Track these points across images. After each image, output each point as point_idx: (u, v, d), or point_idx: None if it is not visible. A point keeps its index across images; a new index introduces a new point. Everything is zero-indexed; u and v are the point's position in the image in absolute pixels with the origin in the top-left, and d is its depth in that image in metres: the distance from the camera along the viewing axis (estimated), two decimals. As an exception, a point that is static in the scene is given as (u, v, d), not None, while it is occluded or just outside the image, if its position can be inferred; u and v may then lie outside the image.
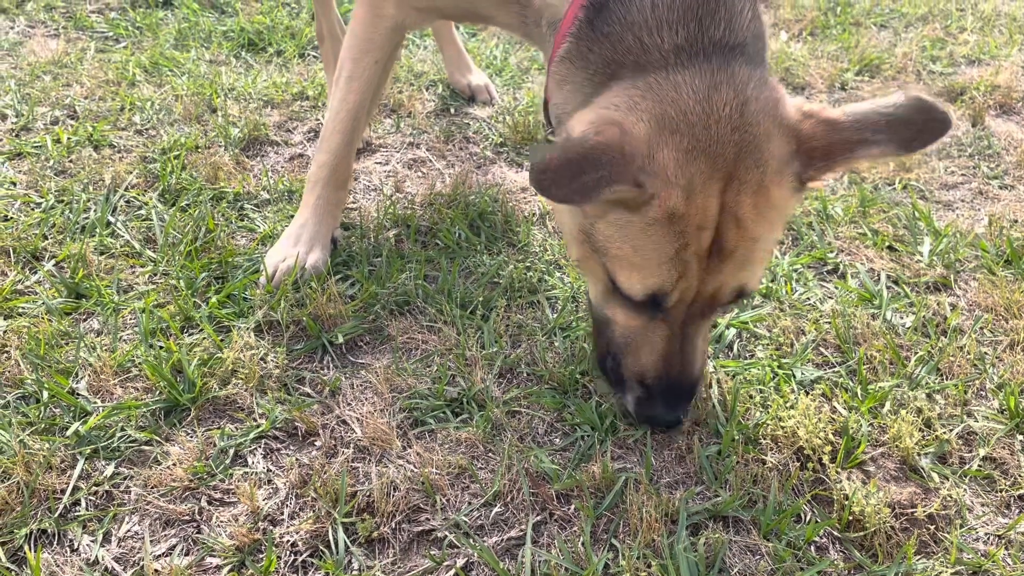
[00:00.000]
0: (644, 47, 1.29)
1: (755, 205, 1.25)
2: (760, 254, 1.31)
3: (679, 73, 1.26)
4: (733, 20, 1.29)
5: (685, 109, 1.23)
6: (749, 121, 1.24)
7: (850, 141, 1.26)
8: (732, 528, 1.38)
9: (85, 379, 1.58)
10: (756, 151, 1.24)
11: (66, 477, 1.40)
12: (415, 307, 1.81)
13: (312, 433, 1.52)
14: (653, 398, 1.41)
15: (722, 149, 1.23)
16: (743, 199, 1.24)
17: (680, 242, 1.25)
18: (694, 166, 1.22)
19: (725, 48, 1.28)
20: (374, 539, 1.35)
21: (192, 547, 1.32)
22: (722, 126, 1.23)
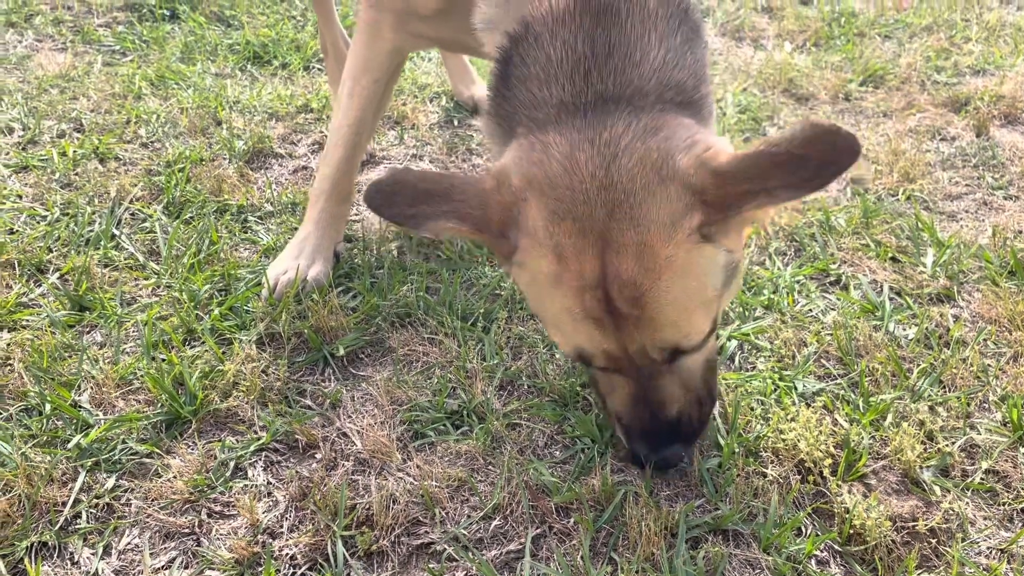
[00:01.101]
0: (535, 102, 1.25)
1: (640, 267, 1.16)
2: (671, 315, 1.20)
3: (551, 132, 1.21)
4: (626, 72, 1.23)
5: (550, 171, 1.19)
6: (618, 180, 1.17)
7: (739, 193, 1.14)
8: (732, 541, 1.38)
9: (87, 392, 1.58)
10: (630, 211, 1.16)
11: (67, 490, 1.40)
12: (416, 319, 1.82)
13: (312, 446, 1.53)
14: (632, 438, 1.38)
15: (590, 210, 1.17)
16: (624, 261, 1.16)
17: (572, 300, 1.20)
18: (560, 228, 1.18)
19: (609, 101, 1.21)
20: (373, 552, 1.35)
21: (192, 560, 1.32)
22: (588, 186, 1.17)
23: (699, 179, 1.16)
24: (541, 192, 1.19)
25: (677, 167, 1.17)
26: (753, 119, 2.71)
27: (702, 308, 1.23)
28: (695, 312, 1.23)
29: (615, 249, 1.16)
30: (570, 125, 1.21)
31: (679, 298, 1.19)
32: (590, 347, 1.26)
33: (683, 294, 1.19)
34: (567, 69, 1.23)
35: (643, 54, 1.24)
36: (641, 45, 1.25)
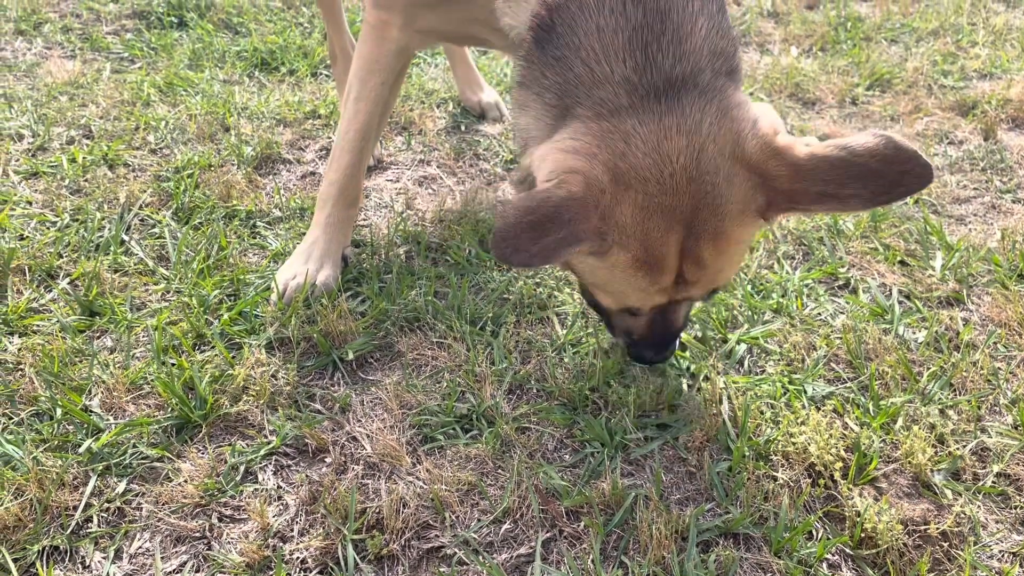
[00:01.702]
0: (595, 78, 1.24)
1: (715, 248, 1.28)
2: (724, 274, 1.37)
3: (629, 119, 1.21)
4: (683, 43, 1.22)
5: (636, 163, 1.20)
6: (706, 170, 1.21)
7: (813, 193, 1.20)
8: (743, 545, 1.37)
9: (98, 396, 1.59)
10: (714, 200, 1.23)
11: (78, 494, 1.41)
12: (425, 323, 1.82)
13: (322, 450, 1.53)
14: (642, 347, 1.54)
15: (678, 201, 1.22)
16: (703, 244, 1.27)
17: (645, 281, 1.30)
18: (651, 221, 1.22)
19: (676, 83, 1.22)
20: (383, 556, 1.35)
21: (203, 564, 1.32)
22: (677, 178, 1.20)
23: (773, 168, 1.22)
24: (628, 186, 1.21)
25: (747, 151, 1.23)
26: (760, 123, 2.70)
27: (728, 270, 1.39)
28: (737, 266, 1.43)
29: (695, 235, 1.26)
30: (648, 112, 1.21)
31: (733, 261, 1.37)
32: (640, 304, 1.40)
33: (737, 258, 1.37)
34: (623, 41, 1.22)
35: (692, 24, 1.23)
36: (688, 13, 1.23)
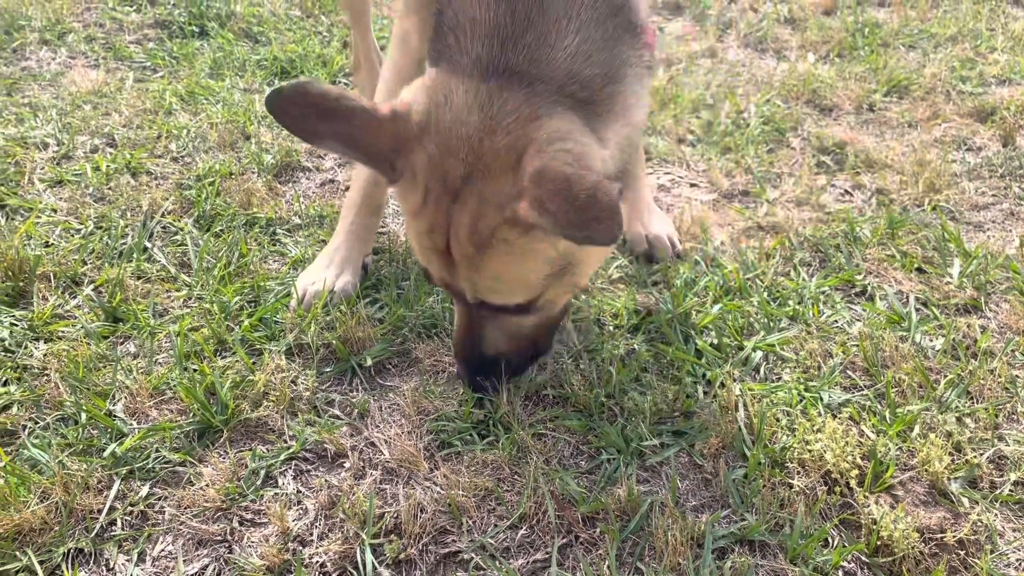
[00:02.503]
0: (460, 48, 1.33)
1: (470, 228, 1.29)
2: (486, 277, 1.34)
3: (462, 83, 1.29)
4: (539, 51, 1.29)
5: (443, 117, 1.28)
6: (486, 152, 1.25)
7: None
8: (758, 552, 1.38)
9: (122, 401, 1.62)
10: (481, 181, 1.26)
11: (102, 497, 1.43)
12: (442, 330, 1.84)
13: (341, 455, 1.55)
14: (457, 359, 1.60)
15: (457, 167, 1.27)
16: (462, 219, 1.29)
17: (424, 226, 1.34)
18: (433, 172, 1.29)
19: (512, 75, 1.28)
20: (401, 560, 1.36)
21: (224, 567, 1.35)
22: (464, 146, 1.26)
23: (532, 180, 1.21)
24: (429, 133, 1.29)
25: (524, 161, 1.23)
26: (776, 130, 2.71)
27: (519, 283, 1.38)
28: (510, 283, 1.37)
29: (460, 207, 1.29)
30: (476, 84, 1.29)
31: (495, 268, 1.33)
32: (431, 269, 1.43)
33: (500, 266, 1.33)
34: (487, 32, 1.31)
35: (558, 38, 1.30)
36: (558, 29, 1.30)
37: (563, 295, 1.50)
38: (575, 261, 1.39)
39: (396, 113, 1.30)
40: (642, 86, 1.43)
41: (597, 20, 1.33)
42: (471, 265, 1.33)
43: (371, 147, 1.30)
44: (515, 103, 1.26)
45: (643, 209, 2.14)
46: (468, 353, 1.55)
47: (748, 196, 2.39)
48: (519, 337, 1.55)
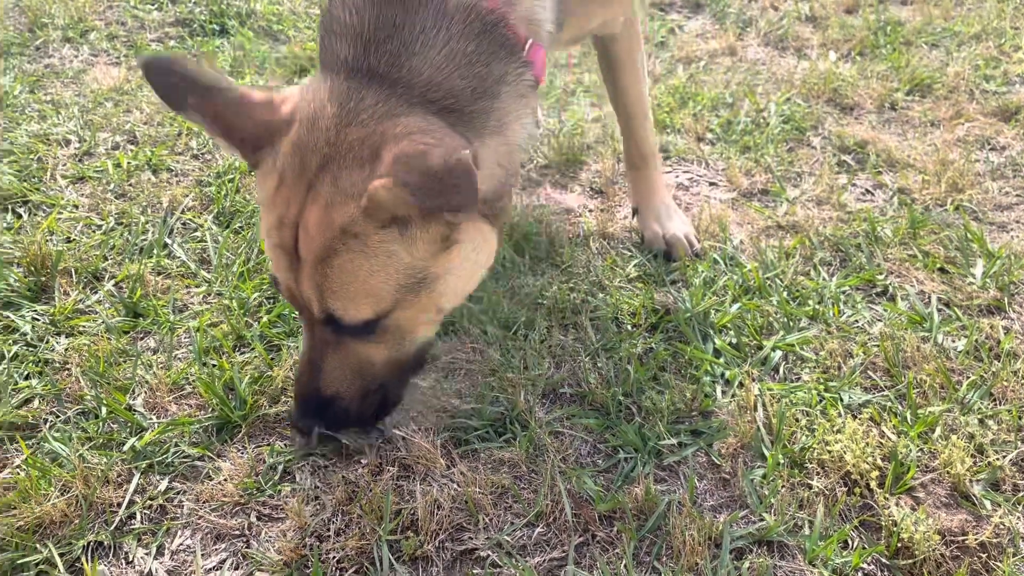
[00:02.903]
0: (332, 51, 1.35)
1: (319, 222, 1.25)
2: (331, 279, 1.27)
3: (328, 81, 1.32)
4: (402, 57, 1.30)
5: (308, 112, 1.29)
6: (342, 143, 1.25)
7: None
8: (777, 553, 1.37)
9: (142, 396, 1.63)
10: (335, 172, 1.25)
11: (122, 491, 1.44)
12: (459, 328, 1.84)
13: (358, 451, 1.55)
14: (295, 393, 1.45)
15: (313, 157, 1.26)
16: (312, 210, 1.26)
17: (273, 218, 1.30)
18: (290, 160, 1.28)
19: (375, 77, 1.29)
20: (418, 557, 1.36)
21: (242, 561, 1.35)
22: (320, 137, 1.27)
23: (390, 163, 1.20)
24: (296, 123, 1.30)
25: (383, 152, 1.23)
26: (797, 129, 2.69)
27: (365, 291, 1.29)
28: (357, 288, 1.29)
29: (313, 199, 1.26)
30: (339, 82, 1.31)
31: (343, 267, 1.27)
32: (277, 273, 1.35)
33: (349, 266, 1.27)
34: (353, 36, 1.33)
35: (423, 48, 1.31)
36: (424, 39, 1.31)
37: (419, 323, 1.39)
38: (431, 276, 1.32)
39: (269, 101, 1.33)
40: (522, 104, 1.41)
41: (467, 35, 1.32)
42: (318, 265, 1.27)
43: (235, 127, 1.31)
44: (372, 100, 1.28)
45: (660, 209, 2.12)
46: (304, 386, 1.40)
47: (768, 195, 2.37)
48: (365, 375, 1.40)
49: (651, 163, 2.15)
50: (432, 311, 1.39)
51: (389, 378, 1.43)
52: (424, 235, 1.28)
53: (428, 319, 1.41)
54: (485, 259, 1.41)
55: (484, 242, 1.38)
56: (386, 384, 1.44)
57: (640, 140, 2.13)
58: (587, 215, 2.26)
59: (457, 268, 1.35)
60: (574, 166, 2.52)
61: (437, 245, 1.30)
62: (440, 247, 1.31)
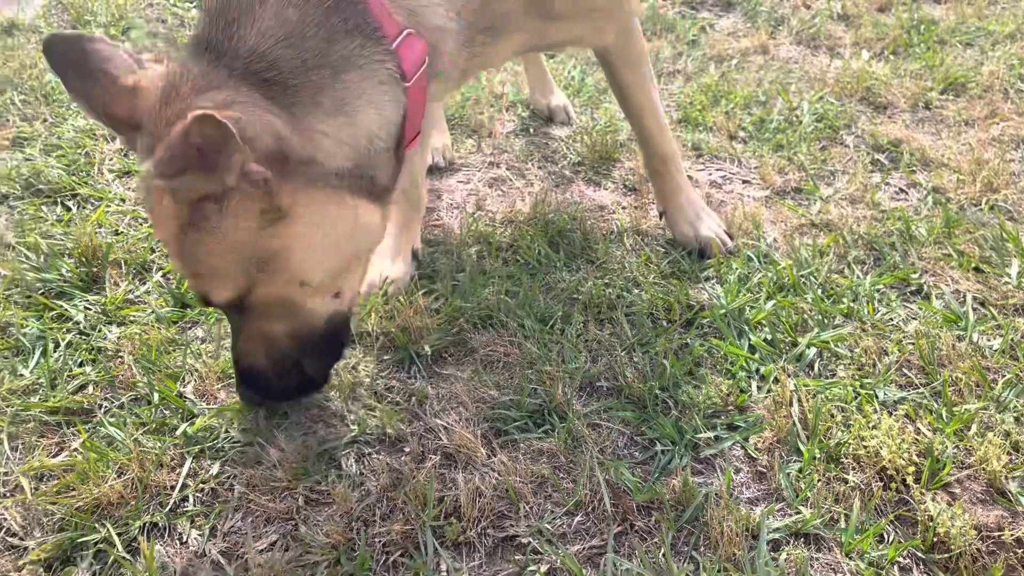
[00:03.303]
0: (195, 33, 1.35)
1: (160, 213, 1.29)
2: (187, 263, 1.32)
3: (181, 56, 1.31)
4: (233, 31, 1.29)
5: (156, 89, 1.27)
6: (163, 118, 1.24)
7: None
8: (813, 545, 1.39)
9: (191, 384, 1.68)
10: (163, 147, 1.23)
11: (175, 475, 1.50)
12: (497, 321, 1.87)
13: (401, 439, 1.59)
14: None
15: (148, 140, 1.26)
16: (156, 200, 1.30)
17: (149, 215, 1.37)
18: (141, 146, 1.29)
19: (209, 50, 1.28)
20: (461, 543, 1.40)
21: (291, 543, 1.40)
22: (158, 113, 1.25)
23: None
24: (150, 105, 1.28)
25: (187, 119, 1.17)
26: (830, 127, 2.70)
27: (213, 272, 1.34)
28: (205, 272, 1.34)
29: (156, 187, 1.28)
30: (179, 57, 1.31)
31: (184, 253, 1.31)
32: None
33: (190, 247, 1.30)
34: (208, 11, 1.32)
35: (258, 18, 1.30)
36: (262, 9, 1.30)
37: (297, 297, 1.41)
38: (272, 250, 1.32)
39: (136, 85, 1.30)
40: (379, 92, 1.38)
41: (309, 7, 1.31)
42: (175, 248, 1.32)
43: (110, 114, 1.31)
44: (195, 75, 1.26)
45: (687, 209, 2.13)
46: (235, 362, 1.51)
47: (801, 193, 2.38)
48: (275, 350, 1.47)
49: (671, 165, 2.12)
50: (295, 285, 1.39)
51: (301, 354, 1.50)
52: (243, 210, 1.27)
53: (306, 294, 1.42)
54: (348, 231, 1.39)
55: (343, 214, 1.36)
56: (301, 362, 1.51)
57: (655, 144, 2.11)
58: (620, 212, 2.29)
59: (304, 240, 1.34)
60: (607, 163, 2.55)
61: (260, 218, 1.29)
62: (267, 219, 1.29)
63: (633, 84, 2.04)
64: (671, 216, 2.15)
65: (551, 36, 1.81)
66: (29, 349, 1.75)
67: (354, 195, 1.37)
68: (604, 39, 1.94)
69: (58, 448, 1.55)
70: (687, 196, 2.14)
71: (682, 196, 2.14)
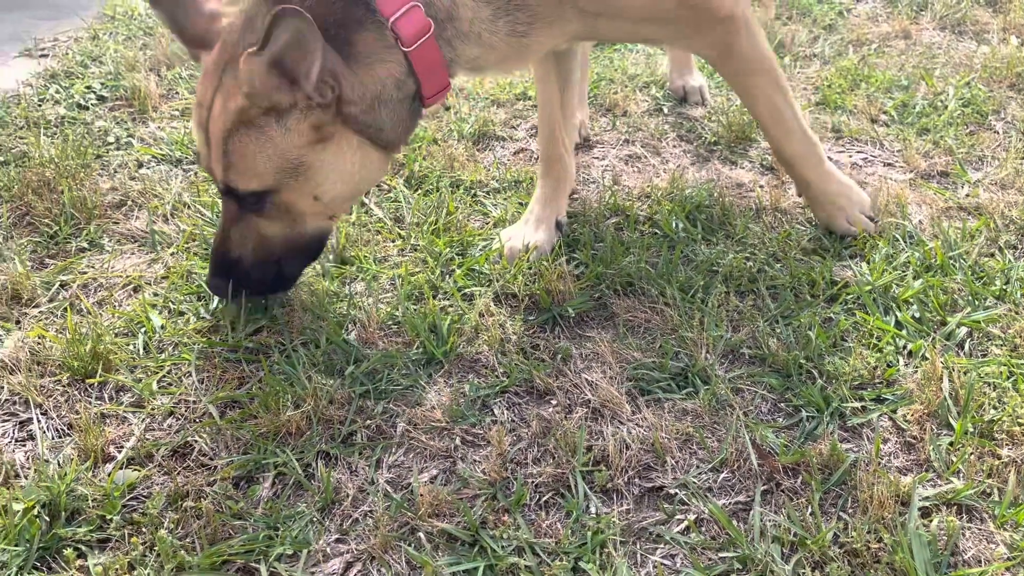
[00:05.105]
0: None
1: (221, 107, 1.57)
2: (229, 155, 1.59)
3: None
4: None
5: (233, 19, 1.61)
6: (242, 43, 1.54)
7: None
8: (965, 516, 1.39)
9: (355, 332, 1.81)
10: (234, 67, 1.54)
11: (344, 411, 1.62)
12: (638, 288, 1.92)
13: (549, 392, 1.67)
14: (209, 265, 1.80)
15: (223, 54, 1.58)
16: (218, 97, 1.58)
17: (195, 109, 1.65)
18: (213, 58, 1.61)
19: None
20: (609, 489, 1.47)
21: (451, 478, 1.50)
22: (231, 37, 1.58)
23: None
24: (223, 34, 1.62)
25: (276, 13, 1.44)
26: (978, 112, 2.62)
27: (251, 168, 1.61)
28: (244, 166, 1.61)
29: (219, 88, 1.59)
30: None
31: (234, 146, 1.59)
32: (198, 147, 1.69)
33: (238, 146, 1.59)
34: None
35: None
36: None
37: (306, 209, 1.68)
38: (306, 164, 1.61)
39: (213, 12, 1.66)
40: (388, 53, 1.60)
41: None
42: (220, 144, 1.59)
43: (184, 28, 1.68)
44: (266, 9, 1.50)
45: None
46: (216, 250, 1.74)
47: (947, 177, 2.33)
48: (264, 248, 1.72)
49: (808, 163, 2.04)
50: (310, 199, 1.66)
51: (285, 255, 1.75)
52: (300, 125, 1.56)
53: (313, 208, 1.69)
54: (359, 169, 1.66)
55: (361, 154, 1.65)
56: (282, 260, 1.76)
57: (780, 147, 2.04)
58: (759, 190, 2.30)
59: (330, 163, 1.63)
60: (743, 143, 2.56)
61: (311, 135, 1.58)
62: (313, 138, 1.59)
63: (750, 94, 1.97)
64: (810, 201, 2.12)
65: (604, 32, 1.91)
66: (209, 295, 1.91)
67: (368, 141, 1.65)
68: (692, 45, 1.95)
69: (239, 382, 1.70)
70: (834, 179, 2.06)
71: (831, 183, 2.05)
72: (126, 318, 1.86)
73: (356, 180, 1.70)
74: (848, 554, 1.32)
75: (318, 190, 1.65)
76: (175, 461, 1.54)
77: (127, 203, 2.28)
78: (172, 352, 1.78)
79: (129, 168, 2.45)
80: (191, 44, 1.70)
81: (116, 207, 2.26)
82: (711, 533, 1.38)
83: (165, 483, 1.49)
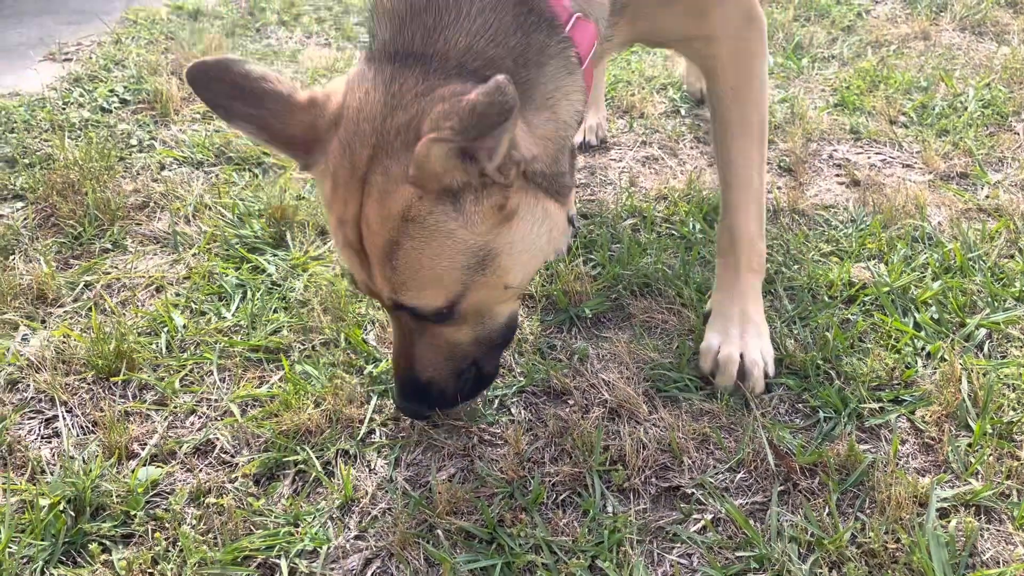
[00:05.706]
0: (374, 36, 1.33)
1: (379, 213, 1.23)
2: (399, 270, 1.25)
3: (370, 70, 1.28)
4: (437, 31, 1.25)
5: (353, 104, 1.26)
6: (390, 130, 1.22)
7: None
8: (983, 517, 1.38)
9: (373, 332, 1.83)
10: (386, 159, 1.22)
11: (363, 410, 1.63)
12: (655, 289, 1.93)
13: (566, 392, 1.68)
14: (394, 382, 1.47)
15: (363, 150, 1.23)
16: (370, 204, 1.23)
17: (334, 220, 1.29)
18: (341, 159, 1.25)
19: (411, 56, 1.25)
20: (625, 488, 1.47)
21: (469, 476, 1.51)
22: (367, 127, 1.23)
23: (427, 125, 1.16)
24: (343, 121, 1.27)
25: (421, 129, 1.18)
26: (998, 114, 2.60)
27: (432, 278, 1.27)
28: (423, 278, 1.27)
29: (369, 192, 1.24)
30: (381, 68, 1.27)
31: (405, 257, 1.25)
32: (352, 271, 1.35)
33: (412, 253, 1.24)
34: (392, 16, 1.30)
35: (458, 17, 1.26)
36: (459, 9, 1.26)
37: (495, 301, 1.39)
38: (494, 252, 1.29)
39: (313, 101, 1.30)
40: (569, 81, 1.35)
41: (504, 6, 1.27)
42: (384, 259, 1.25)
43: (282, 133, 1.30)
44: (412, 81, 1.23)
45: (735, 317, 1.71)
46: (402, 372, 1.44)
47: (967, 179, 2.32)
48: (456, 357, 1.42)
49: (740, 249, 1.73)
50: (500, 289, 1.35)
51: (479, 354, 1.46)
52: (479, 208, 1.24)
53: (504, 297, 1.40)
54: (548, 234, 1.35)
55: (546, 216, 1.34)
56: (478, 360, 1.46)
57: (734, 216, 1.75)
58: (777, 192, 2.30)
59: (520, 242, 1.31)
60: (761, 145, 2.55)
61: (494, 217, 1.26)
62: (497, 219, 1.27)
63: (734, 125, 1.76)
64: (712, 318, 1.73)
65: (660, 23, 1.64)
66: (230, 295, 1.94)
67: (549, 196, 1.34)
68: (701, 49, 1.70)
69: (259, 381, 1.73)
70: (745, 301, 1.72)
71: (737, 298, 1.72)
72: (149, 318, 1.89)
73: (547, 250, 1.39)
74: (865, 554, 1.32)
75: (508, 276, 1.33)
76: (197, 458, 1.56)
77: (149, 204, 2.32)
78: (194, 351, 1.80)
79: (151, 170, 2.48)
80: (293, 149, 1.32)
81: (139, 209, 2.30)
82: (728, 533, 1.39)
83: (187, 480, 1.51)
